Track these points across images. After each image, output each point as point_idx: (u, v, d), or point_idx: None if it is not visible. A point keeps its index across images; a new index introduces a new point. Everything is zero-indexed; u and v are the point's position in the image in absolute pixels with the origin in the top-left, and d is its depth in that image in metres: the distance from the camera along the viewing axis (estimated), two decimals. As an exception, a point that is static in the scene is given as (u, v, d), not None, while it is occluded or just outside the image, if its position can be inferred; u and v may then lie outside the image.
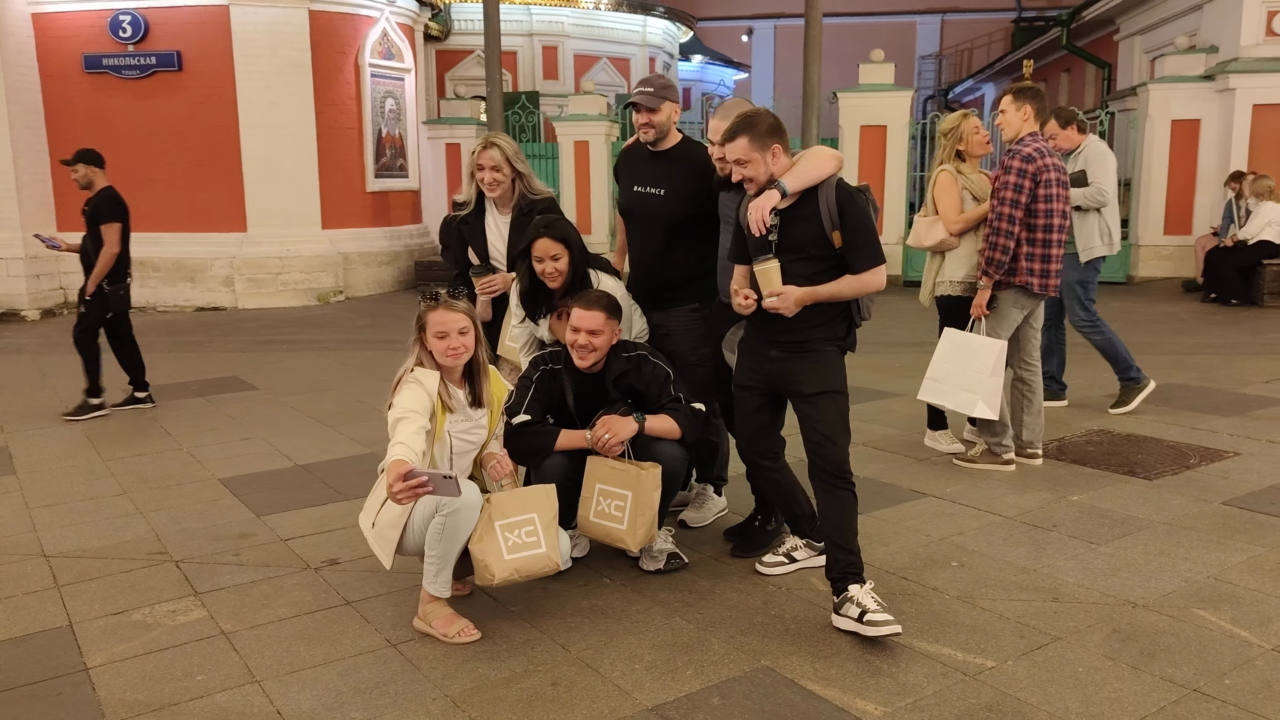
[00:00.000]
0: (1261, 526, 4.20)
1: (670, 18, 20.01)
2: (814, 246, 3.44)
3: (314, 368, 8.64)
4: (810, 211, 3.44)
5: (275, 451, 5.87)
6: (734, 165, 3.44)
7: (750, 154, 3.39)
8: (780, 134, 3.44)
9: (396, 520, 3.39)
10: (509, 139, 4.31)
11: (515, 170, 4.26)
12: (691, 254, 4.19)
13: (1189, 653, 3.15)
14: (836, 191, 3.42)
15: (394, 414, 3.28)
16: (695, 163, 4.13)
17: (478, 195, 4.35)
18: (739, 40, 34.47)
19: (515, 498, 3.43)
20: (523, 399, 3.76)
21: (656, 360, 3.84)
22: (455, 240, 4.50)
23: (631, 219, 4.30)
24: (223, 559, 4.17)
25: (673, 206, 4.11)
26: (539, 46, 18.24)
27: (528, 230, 3.95)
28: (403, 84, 14.38)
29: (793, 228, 3.45)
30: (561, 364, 3.84)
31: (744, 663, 3.16)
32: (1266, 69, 12.03)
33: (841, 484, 3.43)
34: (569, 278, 3.91)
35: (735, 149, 3.41)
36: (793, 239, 3.44)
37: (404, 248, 14.23)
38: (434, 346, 3.39)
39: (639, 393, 3.80)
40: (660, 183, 4.13)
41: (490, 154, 4.21)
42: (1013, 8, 31.84)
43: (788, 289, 3.39)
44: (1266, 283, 10.47)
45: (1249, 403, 6.40)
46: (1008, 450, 5.10)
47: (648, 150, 4.20)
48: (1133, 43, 16.04)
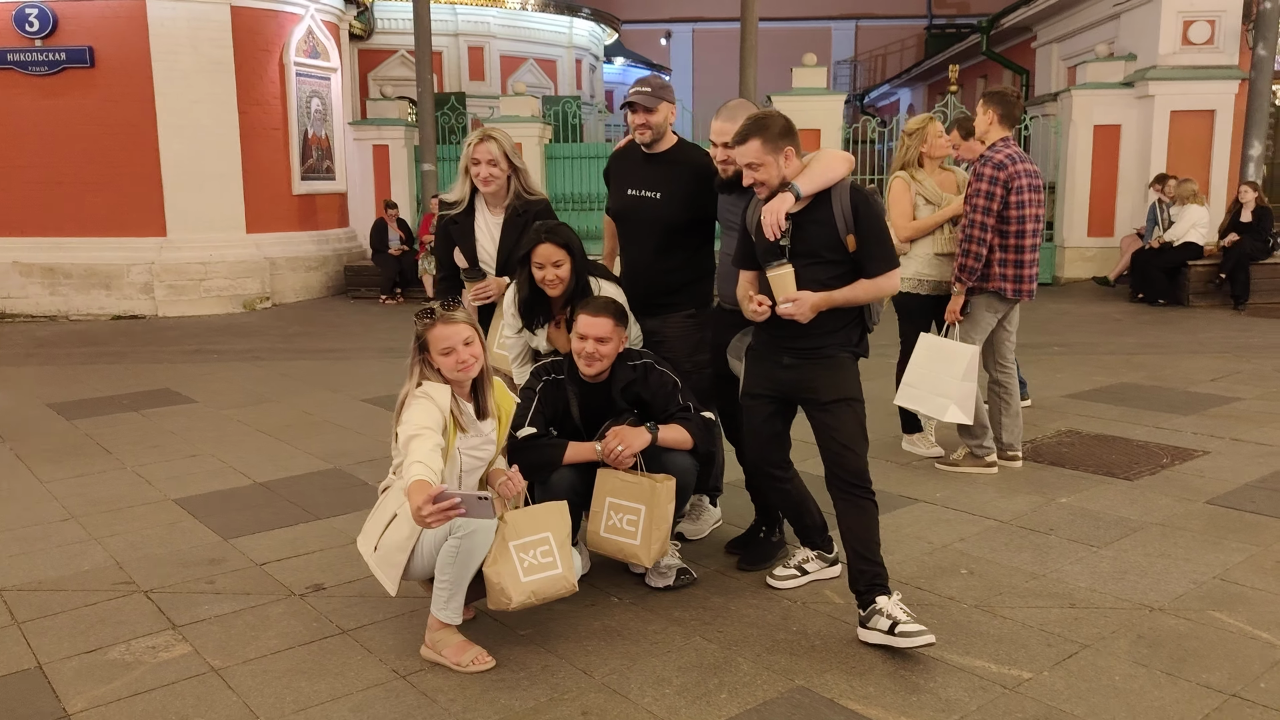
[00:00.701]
0: (1250, 526, 4.27)
1: (596, 19, 19.90)
2: (828, 250, 3.35)
3: (251, 379, 8.27)
4: (824, 215, 3.35)
5: (229, 469, 5.56)
6: (745, 169, 3.34)
7: (763, 157, 3.29)
8: (793, 136, 3.35)
9: (404, 543, 3.19)
10: (505, 133, 4.13)
11: (512, 166, 4.09)
12: (688, 259, 4.07)
13: (1216, 657, 3.15)
14: (851, 194, 3.34)
15: (405, 430, 3.08)
16: (693, 165, 4.01)
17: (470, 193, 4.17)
18: (657, 43, 34.51)
19: (528, 516, 3.27)
20: (526, 411, 3.59)
21: (663, 368, 3.71)
22: (442, 241, 4.30)
23: (625, 223, 4.16)
24: (196, 587, 3.90)
25: (670, 210, 3.99)
26: (465, 47, 17.93)
27: (527, 236, 3.78)
28: (329, 83, 13.95)
29: (806, 231, 3.36)
30: (565, 374, 3.68)
31: (777, 683, 3.05)
32: (1183, 76, 12.46)
33: (863, 493, 3.36)
34: (570, 285, 3.76)
35: (747, 152, 3.30)
36: (806, 243, 3.35)
37: (332, 252, 13.80)
38: (442, 364, 3.20)
39: (645, 402, 3.67)
40: (657, 186, 3.99)
41: (488, 147, 4.02)
42: (924, 15, 32.62)
43: (803, 295, 3.30)
44: (1191, 283, 10.82)
45: (1203, 401, 6.56)
46: (989, 452, 5.11)
47: (642, 152, 4.06)
48: (1050, 50, 16.49)
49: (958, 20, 31.71)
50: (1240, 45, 12.44)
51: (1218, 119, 12.54)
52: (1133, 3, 13.23)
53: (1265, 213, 10.65)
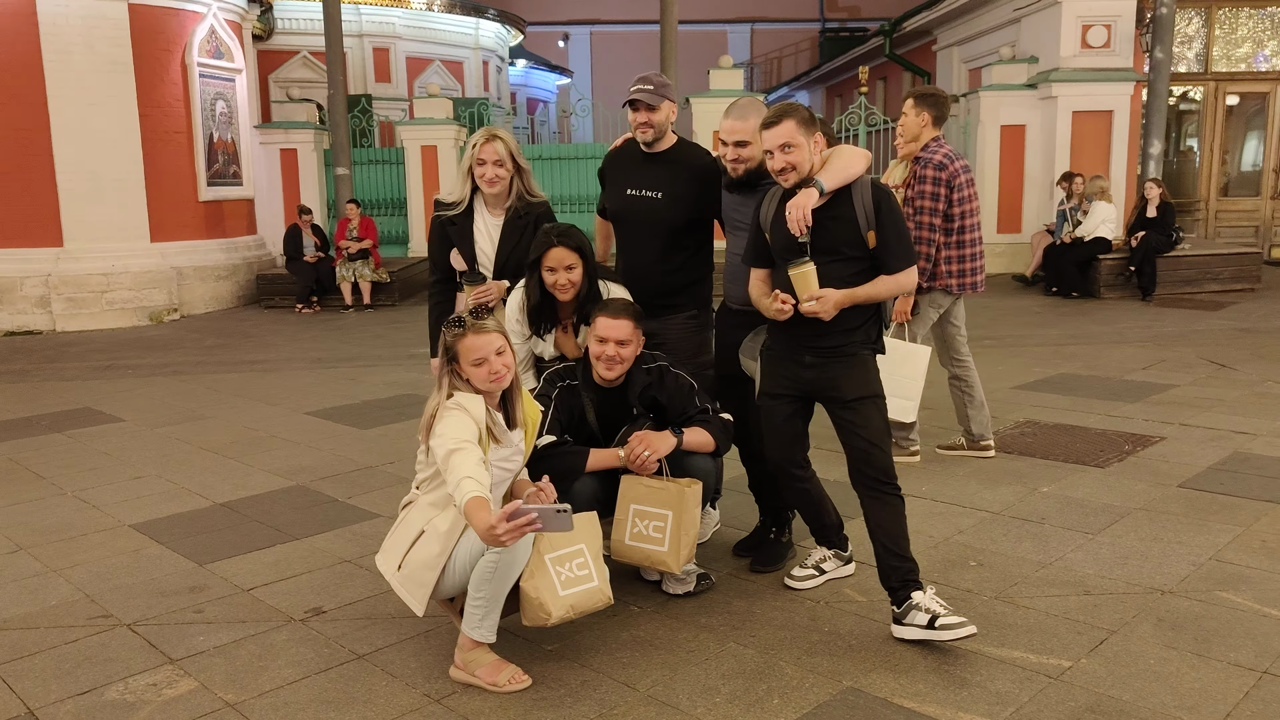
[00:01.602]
0: (1226, 507, 4.43)
1: (502, 21, 19.66)
2: (849, 247, 3.34)
3: (177, 394, 7.86)
4: (845, 211, 3.34)
5: (182, 490, 5.25)
6: (778, 151, 3.28)
7: (798, 138, 3.26)
8: (818, 125, 3.34)
9: (434, 561, 3.05)
10: (509, 133, 4.00)
11: (516, 167, 3.96)
12: (689, 260, 4.01)
13: (1237, 636, 3.25)
14: (873, 190, 3.34)
15: (444, 445, 2.93)
16: (694, 165, 3.95)
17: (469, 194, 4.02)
18: (555, 45, 34.35)
19: None
20: (543, 419, 3.48)
21: (678, 370, 3.64)
22: (439, 243, 4.12)
23: (624, 224, 4.07)
24: (184, 617, 3.65)
25: (672, 210, 3.92)
26: (369, 48, 17.49)
27: (536, 240, 3.67)
28: (234, 85, 13.40)
29: (826, 229, 3.34)
30: (579, 379, 3.58)
31: (826, 686, 3.02)
32: (1083, 78, 12.98)
33: (891, 490, 3.35)
34: (581, 289, 3.66)
35: (782, 132, 3.26)
36: (827, 240, 3.33)
37: (242, 260, 13.26)
38: (474, 375, 3.05)
39: (662, 405, 3.60)
40: (658, 186, 3.92)
41: (494, 147, 3.88)
42: (817, 18, 33.30)
43: (826, 292, 3.28)
44: (1103, 276, 11.27)
45: (1142, 389, 6.82)
46: (914, 444, 5.21)
47: (641, 152, 3.98)
48: (951, 53, 16.98)
49: (850, 24, 32.49)
50: (1134, 48, 13.02)
51: (1115, 119, 13.11)
52: (1033, 7, 13.73)
53: (1168, 208, 11.16)
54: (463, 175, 4.05)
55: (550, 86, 28.92)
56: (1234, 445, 5.37)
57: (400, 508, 3.29)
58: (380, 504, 4.90)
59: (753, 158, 3.64)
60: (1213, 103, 13.91)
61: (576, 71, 33.84)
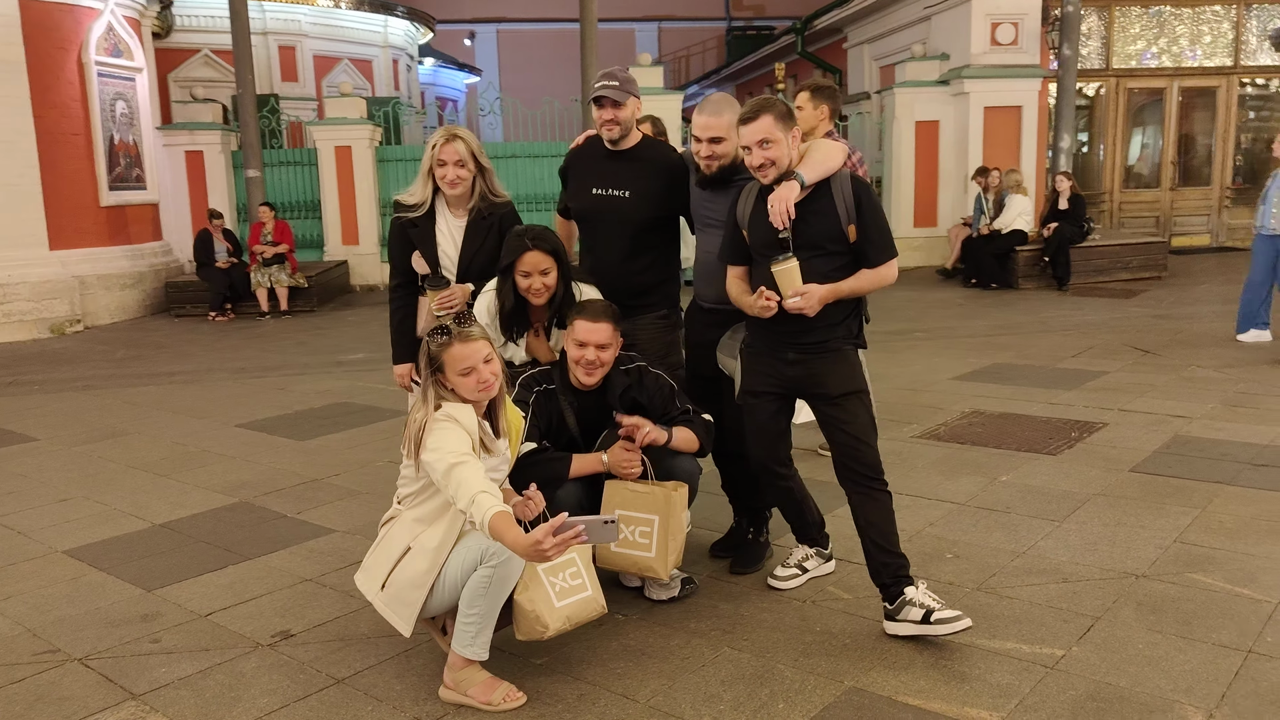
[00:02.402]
0: (1179, 490, 4.55)
1: (411, 19, 19.27)
2: (830, 242, 3.31)
3: (92, 410, 7.47)
4: (825, 206, 3.31)
5: (115, 512, 4.97)
6: (756, 147, 3.23)
7: (776, 133, 3.22)
8: (795, 120, 3.30)
9: (422, 579, 2.91)
10: (470, 132, 3.87)
11: (479, 166, 3.83)
12: (657, 258, 3.94)
13: (1216, 617, 3.32)
14: (853, 183, 3.32)
15: (442, 459, 2.77)
16: (661, 162, 3.88)
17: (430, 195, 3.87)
18: (461, 43, 33.89)
19: None
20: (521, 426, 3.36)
21: (656, 371, 3.57)
22: (399, 246, 3.96)
23: (591, 223, 3.97)
24: (140, 648, 3.43)
25: (640, 208, 3.84)
26: (275, 46, 16.95)
27: (510, 243, 3.54)
28: (134, 85, 12.83)
29: (808, 223, 3.30)
30: (556, 384, 3.48)
31: (829, 688, 2.98)
32: (993, 75, 13.32)
33: (878, 485, 3.34)
34: (556, 293, 3.55)
35: (760, 128, 3.21)
36: (809, 235, 3.30)
37: (149, 267, 12.70)
38: (461, 385, 2.92)
39: (643, 407, 3.51)
40: (625, 184, 3.83)
41: (455, 147, 3.74)
42: (724, 17, 33.57)
43: (810, 287, 3.24)
44: (1020, 267, 11.58)
45: (1076, 377, 6.99)
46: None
47: (605, 149, 3.89)
48: (862, 50, 17.27)
49: (756, 22, 32.84)
50: (1040, 46, 13.42)
51: (1024, 114, 13.50)
52: (942, 6, 14.04)
53: (1079, 200, 11.53)
54: (423, 176, 3.90)
55: (459, 85, 28.50)
56: (1173, 429, 5.53)
57: (380, 524, 3.14)
58: (333, 519, 4.71)
59: (727, 154, 3.58)
60: (1114, 98, 14.43)
61: (486, 70, 33.48)
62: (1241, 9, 14.39)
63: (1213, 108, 14.68)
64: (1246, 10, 14.41)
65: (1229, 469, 4.79)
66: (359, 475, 5.42)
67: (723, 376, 3.75)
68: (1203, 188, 14.88)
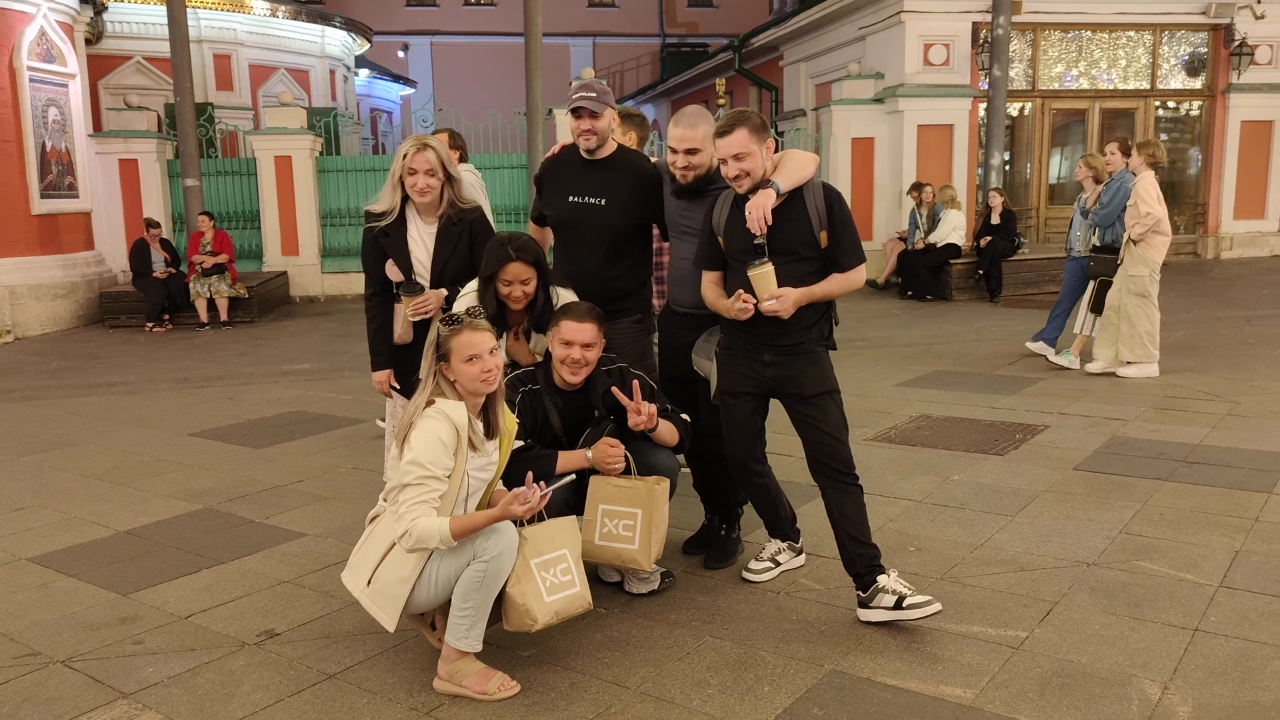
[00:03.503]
0: (1121, 486, 4.81)
1: (349, 29, 19.16)
2: (804, 248, 3.47)
3: (34, 421, 7.32)
4: (798, 213, 3.47)
5: (76, 520, 4.91)
6: (731, 160, 3.39)
7: (750, 146, 3.38)
8: (769, 131, 3.47)
9: (407, 574, 2.98)
10: (439, 141, 3.95)
11: (447, 175, 3.91)
12: (632, 265, 4.07)
13: (1163, 600, 3.54)
14: (824, 191, 3.48)
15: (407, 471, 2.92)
16: (636, 171, 4.02)
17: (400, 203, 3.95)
18: (395, 55, 33.70)
19: (546, 533, 3.15)
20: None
21: (637, 371, 3.69)
22: (371, 254, 4.03)
23: (567, 230, 4.07)
24: (123, 650, 3.43)
25: (616, 216, 3.96)
26: (210, 55, 16.69)
27: (492, 251, 3.63)
28: (67, 91, 12.56)
29: (782, 229, 3.46)
30: (540, 383, 3.57)
31: (810, 671, 3.12)
32: (926, 94, 13.75)
33: (851, 480, 3.50)
34: (536, 300, 3.66)
35: (734, 142, 3.37)
36: (783, 241, 3.45)
37: (81, 278, 12.41)
38: (464, 373, 3.00)
39: (623, 407, 3.63)
40: (601, 192, 3.96)
41: (425, 156, 3.83)
42: (658, 33, 33.95)
43: (785, 291, 3.40)
44: (954, 280, 11.95)
45: (1014, 383, 7.29)
46: None
47: (581, 158, 4.01)
48: (798, 68, 17.64)
49: (689, 39, 33.28)
50: (971, 67, 13.90)
51: (956, 132, 13.94)
52: (877, 26, 14.45)
53: (1011, 215, 11.96)
54: (393, 185, 3.97)
55: (394, 97, 28.36)
56: (1110, 430, 5.82)
57: (367, 521, 3.20)
58: (302, 523, 4.73)
59: (703, 165, 3.73)
60: (1039, 118, 14.98)
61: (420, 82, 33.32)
62: (1157, 35, 15.07)
63: (1131, 129, 15.31)
64: (1161, 36, 15.09)
65: (1165, 466, 5.07)
66: (324, 481, 5.42)
67: (697, 378, 3.88)
68: (1122, 205, 15.48)
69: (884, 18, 14.23)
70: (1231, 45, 14.83)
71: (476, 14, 34.15)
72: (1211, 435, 5.66)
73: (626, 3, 34.37)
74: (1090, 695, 2.92)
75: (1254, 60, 14.90)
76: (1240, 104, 15.12)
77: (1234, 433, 5.69)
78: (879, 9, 14.33)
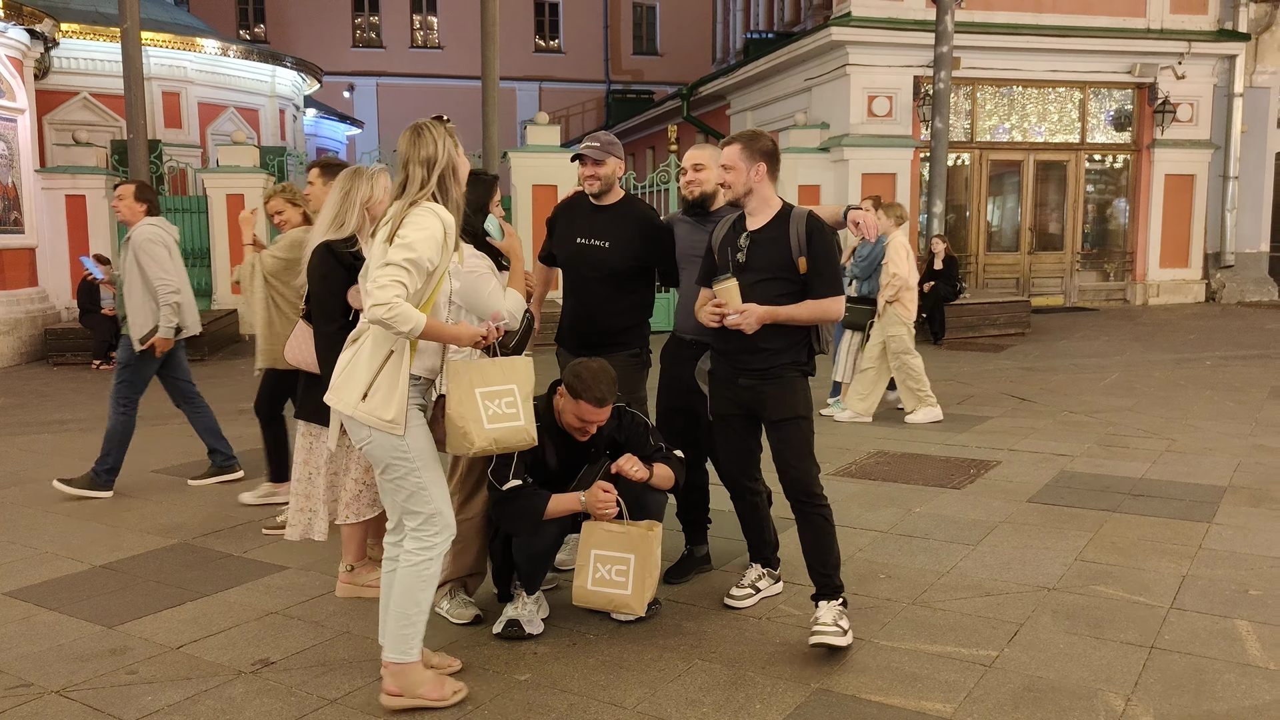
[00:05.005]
0: (1073, 517, 5.07)
1: (299, 69, 19.22)
2: (780, 270, 3.62)
3: (-11, 456, 7.21)
4: (779, 235, 3.63)
5: (47, 554, 4.88)
6: (721, 168, 3.64)
7: (736, 161, 3.60)
8: (771, 158, 3.65)
9: (403, 378, 3.05)
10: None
11: None
12: (635, 303, 4.30)
13: (1121, 621, 3.77)
14: (808, 220, 3.64)
15: (402, 253, 2.95)
16: (638, 218, 4.28)
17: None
18: (340, 95, 33.73)
19: (497, 366, 3.28)
20: (508, 461, 3.56)
21: (634, 410, 3.84)
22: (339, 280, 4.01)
23: (573, 269, 4.30)
24: (117, 679, 3.45)
25: (618, 258, 4.18)
26: (158, 92, 16.62)
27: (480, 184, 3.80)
28: (15, 126, 12.46)
29: (762, 248, 3.64)
30: (541, 419, 3.68)
31: (798, 690, 3.27)
32: (870, 144, 14.25)
33: (811, 508, 3.63)
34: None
35: (727, 154, 3.62)
36: (761, 259, 3.63)
37: (25, 314, 12.21)
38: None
39: (620, 444, 3.77)
40: (605, 235, 4.19)
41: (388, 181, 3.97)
42: (603, 80, 34.52)
43: (750, 306, 3.56)
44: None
45: (964, 421, 7.58)
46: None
47: (590, 203, 4.26)
48: (745, 117, 18.11)
49: (634, 86, 33.89)
50: (912, 118, 14.44)
51: (898, 180, 14.45)
52: (823, 78, 14.95)
53: (953, 261, 12.38)
54: (357, 209, 3.98)
55: (340, 136, 28.37)
56: (1059, 466, 6.11)
57: (346, 345, 3.18)
58: (282, 557, 4.76)
59: (706, 180, 4.04)
60: (978, 168, 15.58)
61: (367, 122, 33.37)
62: (1086, 92, 15.82)
63: (1064, 179, 16.01)
64: (1090, 93, 15.84)
65: (1113, 499, 5.35)
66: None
67: (698, 410, 4.04)
68: (1057, 252, 16.16)
69: (829, 70, 14.74)
70: (1155, 103, 15.62)
71: (423, 56, 34.36)
72: (1152, 470, 5.97)
73: (572, 49, 34.90)
74: (1060, 708, 3.11)
75: (1175, 117, 15.71)
76: (1164, 158, 15.90)
77: (1173, 467, 6.01)
78: (825, 62, 14.84)
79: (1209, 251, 16.49)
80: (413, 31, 34.34)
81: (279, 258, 5.21)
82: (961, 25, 13.30)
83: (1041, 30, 14.90)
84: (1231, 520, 4.95)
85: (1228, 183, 16.19)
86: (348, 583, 4.21)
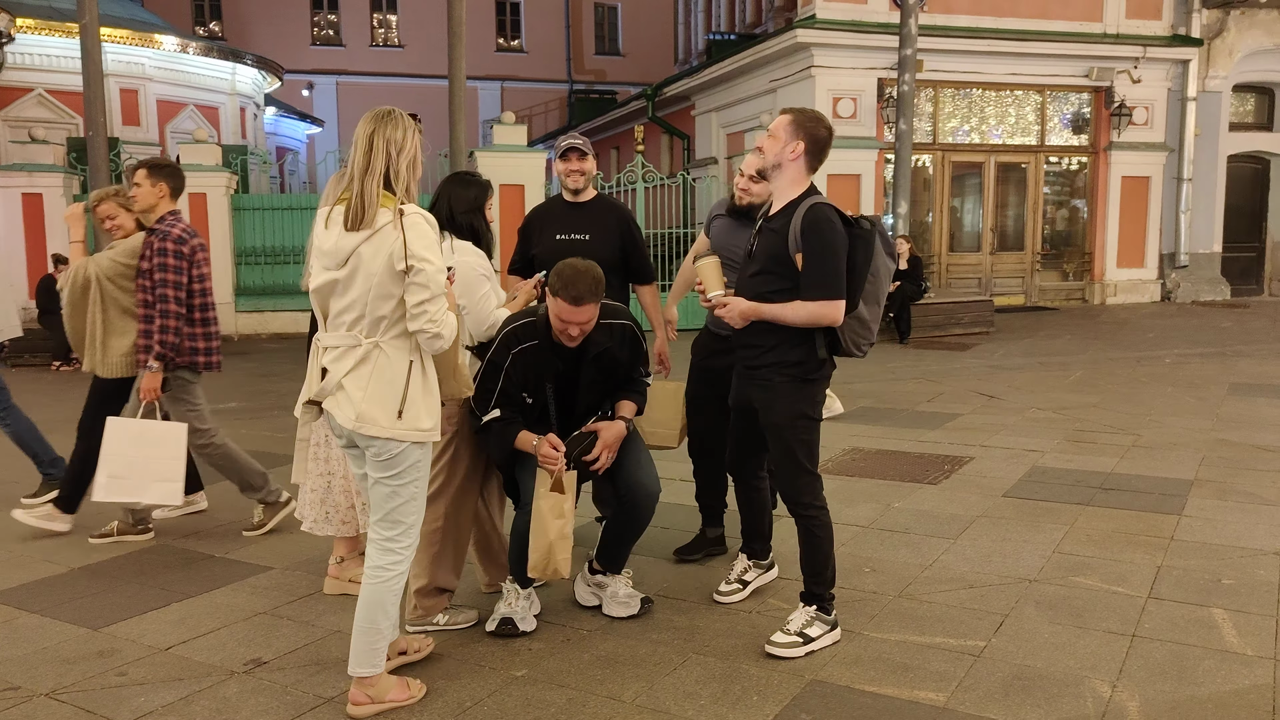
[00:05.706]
0: (1047, 510, 5.17)
1: (260, 67, 19.01)
2: (775, 263, 3.49)
3: (-48, 459, 7.06)
4: (782, 225, 3.50)
5: (24, 558, 4.80)
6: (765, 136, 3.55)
7: (780, 131, 3.50)
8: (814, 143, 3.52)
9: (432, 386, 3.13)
10: None
11: None
12: (614, 296, 4.29)
13: (1101, 610, 3.86)
14: (806, 214, 3.45)
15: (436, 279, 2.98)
16: (615, 214, 4.46)
17: None
18: (299, 94, 33.38)
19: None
20: (491, 391, 3.60)
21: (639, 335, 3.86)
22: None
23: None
24: (107, 681, 3.42)
25: (599, 251, 4.20)
26: (116, 89, 16.38)
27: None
28: (-30, 123, 12.19)
29: (764, 237, 3.57)
30: (539, 338, 3.61)
31: (793, 681, 3.32)
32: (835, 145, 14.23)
33: (798, 512, 3.63)
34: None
35: (777, 121, 3.54)
36: (763, 250, 3.57)
37: (-19, 314, 11.94)
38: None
39: (617, 360, 3.77)
40: (585, 229, 4.33)
41: None
42: (565, 79, 34.50)
43: (733, 300, 3.54)
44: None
45: (935, 419, 7.69)
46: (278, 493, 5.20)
47: (564, 203, 4.42)
48: (710, 118, 18.21)
49: (598, 86, 33.89)
50: (876, 120, 14.60)
51: (863, 181, 14.62)
52: (788, 79, 15.08)
53: (918, 261, 12.57)
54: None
55: (300, 135, 28.10)
56: (1030, 461, 6.23)
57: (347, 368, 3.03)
58: (266, 557, 4.73)
59: (759, 195, 4.09)
60: (940, 169, 15.80)
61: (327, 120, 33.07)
62: (1045, 95, 16.10)
63: (1024, 181, 16.28)
64: (1048, 96, 16.12)
65: (1084, 493, 5.47)
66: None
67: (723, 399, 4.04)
68: (1018, 253, 16.43)
69: (794, 71, 14.87)
70: (1112, 106, 15.94)
71: (384, 55, 34.14)
72: (1121, 464, 6.11)
73: (535, 48, 34.86)
74: (1050, 695, 3.19)
75: (1131, 120, 16.04)
76: (1121, 160, 16.24)
77: (1141, 462, 6.16)
78: (790, 63, 14.96)
79: (1164, 252, 16.86)
80: (373, 30, 34.10)
81: (120, 262, 4.97)
82: (923, 29, 13.48)
83: (1001, 34, 15.15)
84: (1200, 512, 5.09)
85: (1182, 185, 16.57)
86: (335, 576, 4.20)
